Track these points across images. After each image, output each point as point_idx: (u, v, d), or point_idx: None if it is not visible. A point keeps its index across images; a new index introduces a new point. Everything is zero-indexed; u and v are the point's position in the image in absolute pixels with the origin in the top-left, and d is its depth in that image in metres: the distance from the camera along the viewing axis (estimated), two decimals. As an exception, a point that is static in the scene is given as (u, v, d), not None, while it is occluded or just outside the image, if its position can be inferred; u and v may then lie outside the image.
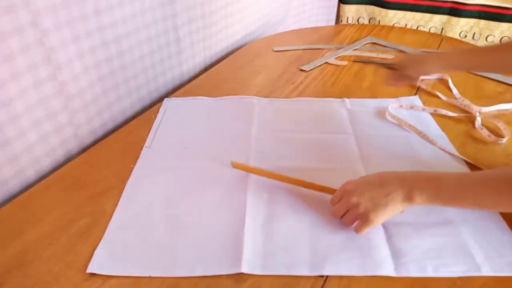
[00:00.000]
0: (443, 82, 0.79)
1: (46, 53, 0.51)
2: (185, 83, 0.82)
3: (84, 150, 0.61)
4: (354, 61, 0.85)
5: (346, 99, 0.72)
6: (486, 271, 0.41)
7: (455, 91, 0.75)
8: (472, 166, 0.56)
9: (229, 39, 0.93)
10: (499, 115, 0.68)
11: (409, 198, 0.41)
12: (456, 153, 0.58)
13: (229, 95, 0.72)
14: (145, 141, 0.60)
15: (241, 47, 0.96)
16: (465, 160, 0.57)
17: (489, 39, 1.13)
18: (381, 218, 0.42)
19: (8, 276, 0.41)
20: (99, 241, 0.44)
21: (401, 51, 0.93)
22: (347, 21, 1.28)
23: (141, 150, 0.59)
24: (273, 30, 1.09)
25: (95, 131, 0.64)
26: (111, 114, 0.67)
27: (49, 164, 0.57)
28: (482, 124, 0.65)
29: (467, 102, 0.70)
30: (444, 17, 1.16)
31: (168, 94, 0.79)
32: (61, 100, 0.56)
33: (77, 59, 0.56)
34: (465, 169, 0.55)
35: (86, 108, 0.61)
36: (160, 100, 0.73)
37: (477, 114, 0.66)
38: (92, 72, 0.60)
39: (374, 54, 0.91)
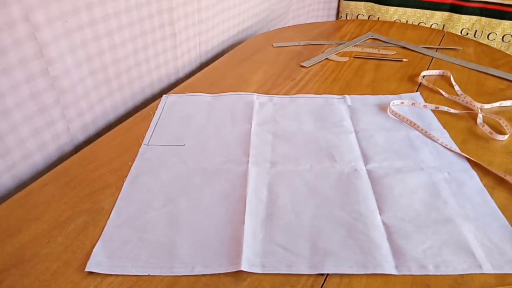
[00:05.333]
0: (444, 78, 0.79)
1: (38, 48, 0.51)
2: (180, 78, 0.81)
3: (76, 145, 0.61)
4: (355, 57, 0.85)
5: (347, 96, 0.71)
6: (487, 269, 0.41)
7: (456, 87, 0.74)
8: (473, 163, 0.55)
9: (225, 33, 0.92)
10: (501, 112, 0.67)
11: None
12: (458, 150, 0.58)
13: (228, 92, 0.72)
14: (143, 138, 0.60)
15: (238, 41, 0.96)
16: (466, 157, 0.56)
17: (491, 37, 1.12)
18: None
19: (6, 274, 0.40)
20: (97, 239, 0.44)
21: (402, 47, 0.92)
22: (346, 18, 1.27)
23: (139, 147, 0.58)
24: (272, 25, 1.08)
25: (87, 125, 0.64)
26: (103, 109, 0.66)
27: (41, 159, 0.57)
28: (484, 121, 0.64)
29: (468, 99, 0.70)
30: (445, 14, 1.16)
31: (163, 89, 0.78)
32: (54, 95, 0.56)
33: (68, 54, 0.56)
34: (466, 166, 0.55)
35: (77, 103, 0.61)
36: (153, 95, 0.72)
37: (479, 111, 0.66)
38: (84, 66, 0.60)
39: (375, 50, 0.90)
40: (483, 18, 1.11)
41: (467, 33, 1.14)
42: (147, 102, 0.75)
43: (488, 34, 1.12)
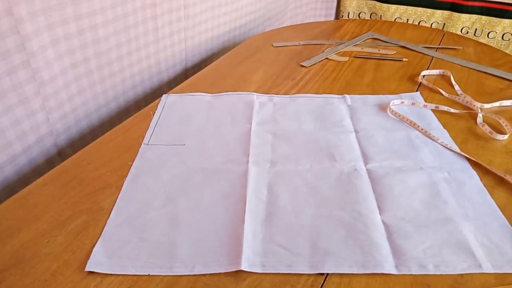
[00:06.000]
0: (444, 78, 0.79)
1: (20, 41, 0.52)
2: (162, 71, 0.83)
3: (55, 135, 0.63)
4: (355, 57, 0.84)
5: (347, 96, 0.71)
6: (487, 268, 0.41)
7: (456, 87, 0.74)
8: (473, 163, 0.55)
9: (215, 30, 0.93)
10: (501, 112, 0.67)
11: None
12: (458, 150, 0.57)
13: (228, 91, 0.72)
14: (143, 138, 0.60)
15: (232, 39, 0.96)
16: (466, 157, 0.56)
17: (491, 35, 1.12)
18: None
19: (6, 274, 0.40)
20: (97, 239, 0.44)
21: (402, 46, 0.92)
22: (348, 16, 1.27)
23: (139, 147, 0.58)
24: (268, 24, 1.08)
25: (66, 115, 0.65)
26: (83, 100, 0.68)
27: (21, 149, 0.58)
28: (484, 121, 0.64)
29: (468, 98, 0.70)
30: (445, 13, 1.16)
31: (144, 81, 0.80)
32: (35, 86, 0.56)
33: (50, 47, 0.57)
34: (466, 165, 0.55)
35: (57, 94, 0.62)
36: (134, 86, 0.75)
37: (479, 110, 0.66)
38: (65, 58, 0.61)
39: (375, 50, 0.90)
40: (483, 17, 1.11)
41: (467, 32, 1.14)
42: (127, 93, 0.77)
43: (488, 33, 1.12)
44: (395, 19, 1.21)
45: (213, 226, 0.46)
